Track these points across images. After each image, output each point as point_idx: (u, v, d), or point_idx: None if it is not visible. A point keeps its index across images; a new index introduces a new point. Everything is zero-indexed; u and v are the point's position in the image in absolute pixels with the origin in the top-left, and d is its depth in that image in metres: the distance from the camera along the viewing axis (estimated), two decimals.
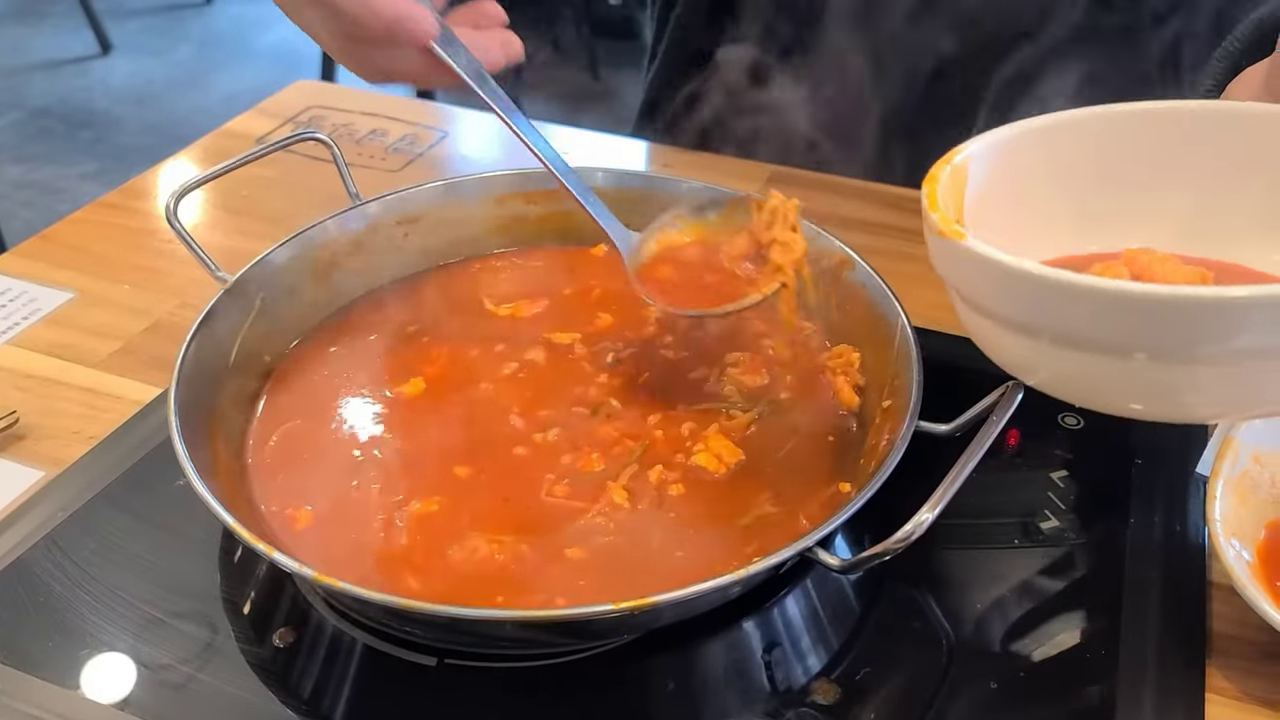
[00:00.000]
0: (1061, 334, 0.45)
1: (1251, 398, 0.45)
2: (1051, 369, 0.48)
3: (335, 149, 0.72)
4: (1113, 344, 0.43)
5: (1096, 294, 0.42)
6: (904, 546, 0.48)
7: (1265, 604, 0.51)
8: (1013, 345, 0.48)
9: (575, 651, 0.53)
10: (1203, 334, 0.41)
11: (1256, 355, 0.42)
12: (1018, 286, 0.45)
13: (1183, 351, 0.42)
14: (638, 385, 0.65)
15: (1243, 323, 0.40)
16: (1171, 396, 0.46)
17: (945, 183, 0.51)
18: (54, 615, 0.56)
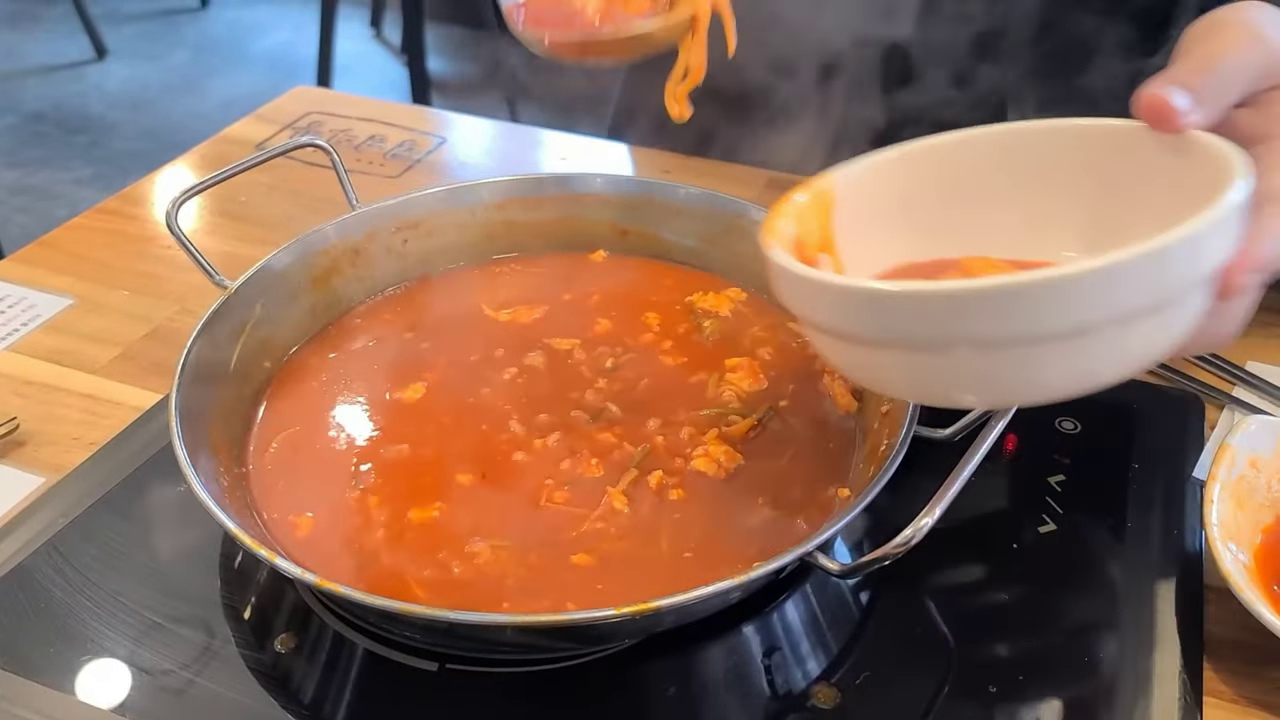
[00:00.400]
0: (849, 332, 0.47)
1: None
2: (860, 366, 0.50)
3: (335, 155, 0.73)
4: (881, 339, 0.46)
5: (862, 294, 0.45)
6: (904, 551, 0.48)
7: (1262, 607, 0.51)
8: (819, 343, 0.51)
9: (576, 656, 0.54)
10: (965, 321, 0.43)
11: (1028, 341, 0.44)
12: (795, 288, 0.48)
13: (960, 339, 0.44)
14: (637, 390, 0.65)
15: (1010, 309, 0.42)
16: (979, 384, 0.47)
17: (802, 204, 0.54)
18: (55, 621, 0.56)
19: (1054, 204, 0.54)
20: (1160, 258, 0.42)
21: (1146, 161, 0.51)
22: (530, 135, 1.08)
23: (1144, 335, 0.44)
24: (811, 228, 0.54)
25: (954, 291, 0.42)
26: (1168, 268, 0.42)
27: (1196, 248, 0.43)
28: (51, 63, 3.51)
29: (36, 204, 2.81)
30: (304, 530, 0.56)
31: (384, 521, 0.56)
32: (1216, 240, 0.44)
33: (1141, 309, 0.43)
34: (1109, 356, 0.45)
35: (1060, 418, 0.68)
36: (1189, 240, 0.42)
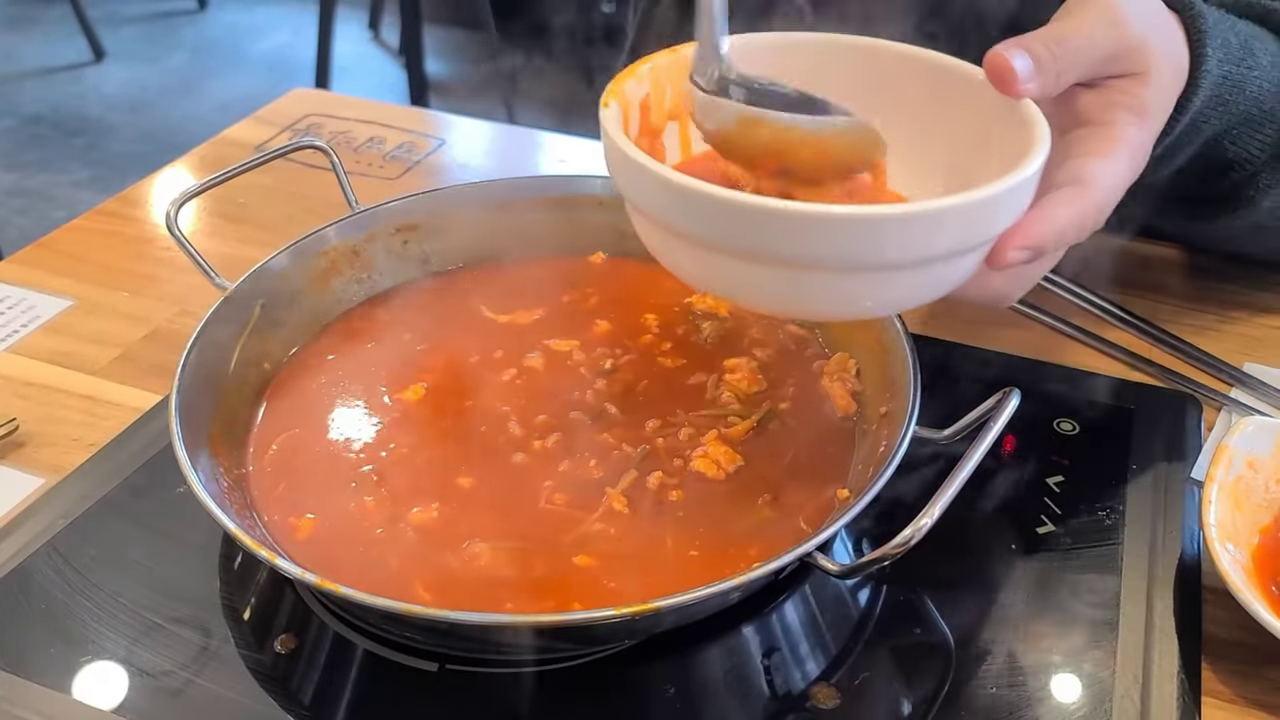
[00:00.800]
0: (659, 220, 0.50)
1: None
2: (666, 254, 0.53)
3: (334, 157, 0.73)
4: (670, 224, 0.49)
5: (661, 183, 0.47)
6: (903, 551, 0.48)
7: (1260, 608, 0.51)
8: (640, 226, 0.53)
9: (576, 657, 0.54)
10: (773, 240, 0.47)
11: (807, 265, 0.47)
12: (617, 165, 0.50)
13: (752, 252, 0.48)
14: (636, 392, 0.65)
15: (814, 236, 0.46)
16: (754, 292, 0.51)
17: (662, 65, 0.55)
18: (55, 622, 0.56)
19: (901, 129, 0.55)
20: (935, 220, 0.46)
21: (987, 113, 0.53)
22: (529, 137, 1.08)
23: (911, 282, 0.49)
24: (665, 93, 0.55)
25: (742, 205, 0.46)
26: (941, 230, 0.46)
27: (970, 216, 0.46)
28: (49, 65, 3.51)
29: (34, 206, 2.81)
30: (304, 532, 0.56)
31: (384, 523, 0.56)
32: (990, 214, 0.47)
33: (910, 262, 0.47)
34: (874, 294, 0.50)
35: (1059, 419, 0.68)
36: (965, 208, 0.46)
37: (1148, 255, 0.84)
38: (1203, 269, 0.82)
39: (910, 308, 0.52)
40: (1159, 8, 0.59)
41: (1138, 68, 0.55)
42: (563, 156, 0.99)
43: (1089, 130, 0.54)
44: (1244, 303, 0.79)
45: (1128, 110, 0.55)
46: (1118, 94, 0.55)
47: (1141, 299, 0.79)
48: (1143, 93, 0.55)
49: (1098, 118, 0.55)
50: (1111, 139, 0.54)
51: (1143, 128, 0.55)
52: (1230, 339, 0.75)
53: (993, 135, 0.54)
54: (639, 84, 0.54)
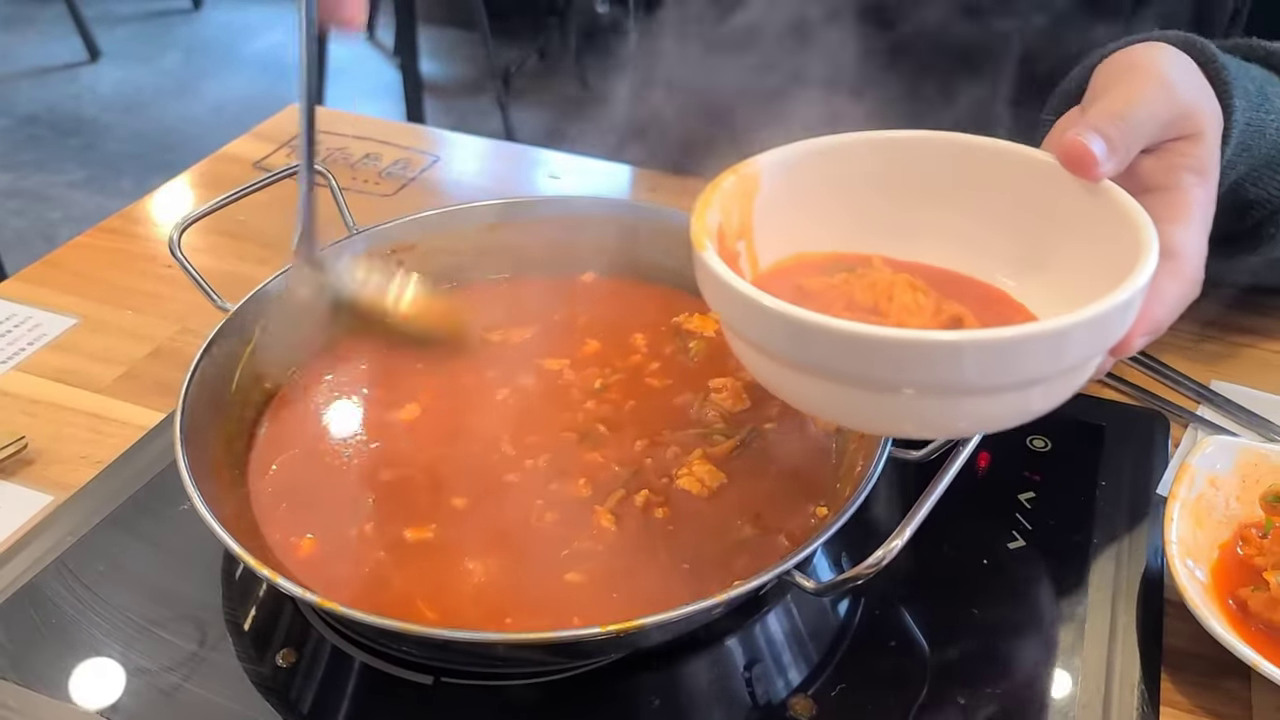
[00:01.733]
0: (763, 346, 0.49)
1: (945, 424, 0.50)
2: (773, 380, 0.52)
3: (332, 180, 0.75)
4: (799, 361, 0.48)
5: (781, 318, 0.46)
6: (874, 572, 0.50)
7: (1215, 623, 0.54)
8: (741, 353, 0.52)
9: (565, 670, 0.56)
10: (888, 369, 0.45)
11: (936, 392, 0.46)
12: (722, 294, 0.49)
13: (877, 381, 0.46)
14: (624, 411, 0.67)
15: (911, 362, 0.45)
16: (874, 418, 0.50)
17: (727, 190, 0.55)
18: (65, 636, 0.58)
19: (979, 218, 0.57)
20: (1063, 337, 0.44)
21: (1063, 199, 0.53)
22: (522, 153, 1.10)
23: (1039, 395, 0.47)
24: (733, 214, 0.55)
25: (870, 338, 0.44)
26: (1073, 343, 0.45)
27: (1104, 325, 0.45)
28: (45, 65, 3.52)
29: (31, 207, 2.83)
30: (305, 550, 0.58)
31: (381, 542, 0.58)
32: (1123, 317, 0.46)
33: (1046, 376, 0.46)
34: (1010, 411, 0.48)
35: (1031, 436, 0.70)
36: (1096, 320, 0.44)
37: None
38: None
39: (1046, 412, 0.50)
40: (1191, 65, 0.60)
41: (1193, 129, 0.56)
42: (555, 173, 1.01)
43: (1157, 197, 0.55)
44: (1214, 321, 0.81)
45: (1190, 171, 0.56)
46: (1178, 156, 0.56)
47: None
48: (1200, 152, 0.56)
49: (1162, 182, 0.56)
50: (1183, 204, 0.55)
51: (1206, 187, 0.56)
52: (1199, 356, 0.78)
53: (1063, 216, 0.54)
54: (714, 213, 0.54)
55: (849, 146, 0.58)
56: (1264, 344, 0.80)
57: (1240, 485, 0.62)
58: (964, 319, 0.53)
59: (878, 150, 0.58)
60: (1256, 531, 0.60)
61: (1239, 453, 0.63)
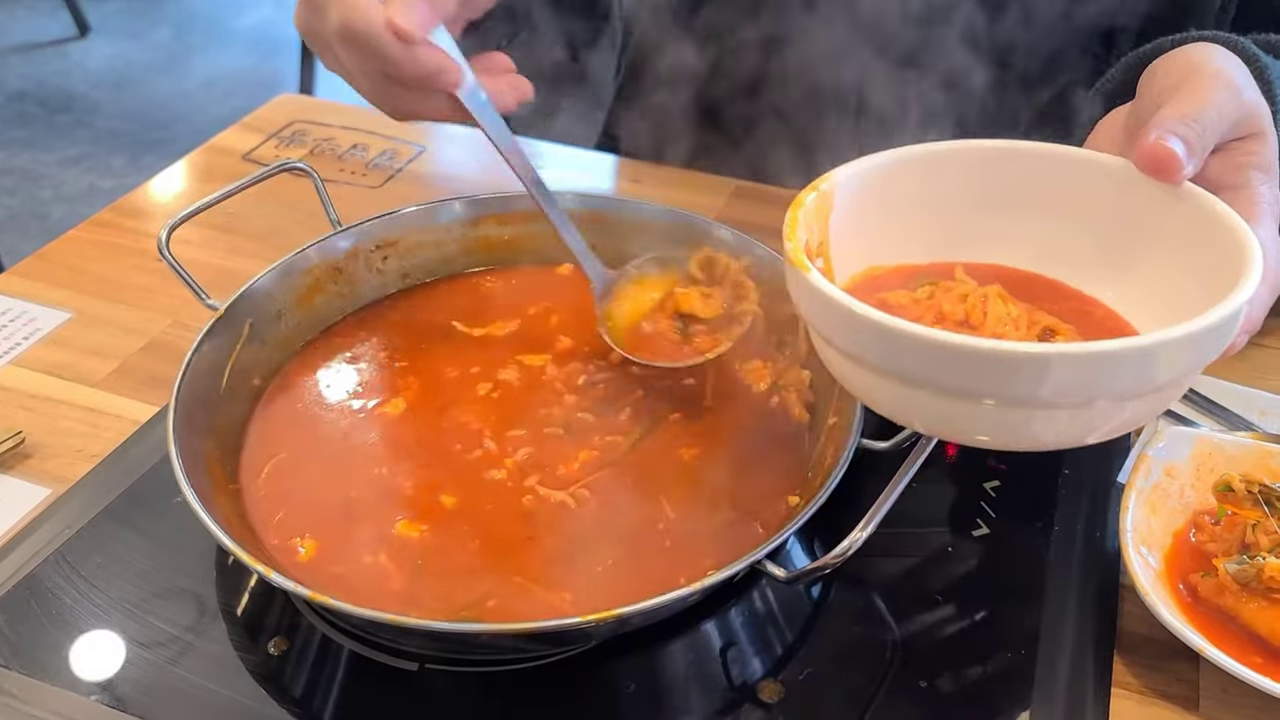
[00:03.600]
0: (874, 363, 0.50)
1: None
2: (873, 394, 0.53)
3: (316, 177, 0.77)
4: (910, 376, 0.48)
5: (889, 332, 0.47)
6: (841, 562, 0.53)
7: (1163, 609, 0.57)
8: (841, 368, 0.53)
9: (546, 656, 0.59)
10: (992, 381, 0.46)
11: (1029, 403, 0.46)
12: (833, 316, 0.50)
13: (980, 392, 0.47)
14: (606, 401, 0.69)
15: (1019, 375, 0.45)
16: (991, 430, 0.50)
17: (810, 208, 0.56)
18: (64, 625, 0.61)
19: (1054, 225, 0.58)
20: (1186, 344, 0.45)
21: (1143, 203, 0.54)
22: None
23: (1147, 405, 0.48)
24: (814, 231, 0.56)
25: (976, 351, 0.45)
26: (1187, 353, 0.46)
27: (1212, 336, 0.46)
28: (33, 40, 3.51)
29: (22, 185, 2.83)
30: (305, 555, 0.60)
31: (370, 536, 0.61)
32: (1230, 327, 0.47)
33: (1153, 387, 0.47)
34: (1111, 422, 0.48)
35: None
36: (1210, 329, 0.45)
37: None
38: None
39: (1141, 425, 0.52)
40: (1243, 65, 0.60)
41: (1255, 128, 0.57)
42: (540, 163, 1.03)
43: (1227, 196, 0.55)
44: None
45: (1257, 170, 0.56)
46: (1243, 155, 0.56)
47: None
48: (1265, 150, 0.57)
49: (1230, 181, 0.56)
50: (1254, 202, 0.55)
51: (1272, 184, 0.56)
52: None
53: (1143, 219, 0.55)
54: (802, 231, 0.54)
55: (917, 159, 0.59)
56: None
57: (1195, 474, 0.65)
58: (1056, 330, 0.54)
59: (947, 160, 0.59)
60: (1209, 519, 0.63)
61: (1195, 443, 0.66)
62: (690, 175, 0.98)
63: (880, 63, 0.89)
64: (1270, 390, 0.76)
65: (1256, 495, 0.62)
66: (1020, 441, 0.50)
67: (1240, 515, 0.61)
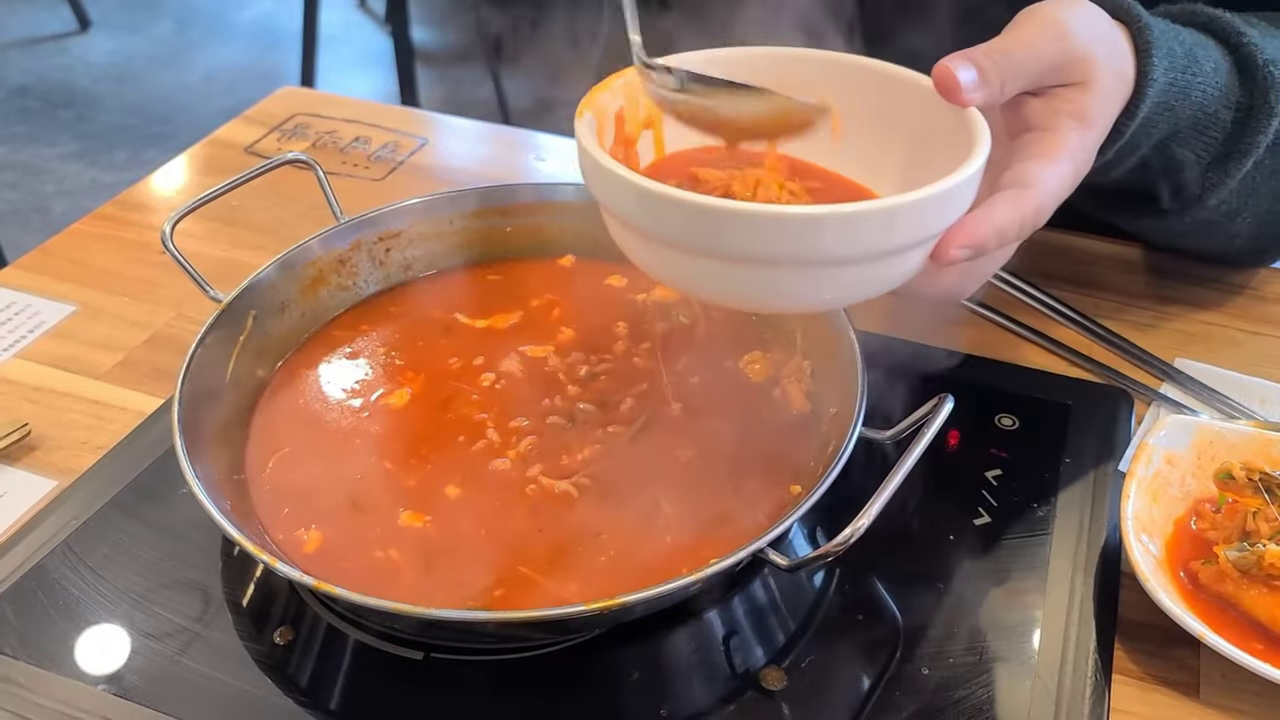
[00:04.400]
0: (621, 216, 0.55)
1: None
2: (636, 254, 0.57)
3: (319, 170, 0.77)
4: (651, 230, 0.53)
5: (630, 187, 0.52)
6: (842, 550, 0.53)
7: (1164, 596, 0.57)
8: (615, 233, 0.58)
9: (550, 644, 0.59)
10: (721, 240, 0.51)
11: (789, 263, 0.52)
12: (586, 167, 0.55)
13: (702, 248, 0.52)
14: (608, 392, 0.69)
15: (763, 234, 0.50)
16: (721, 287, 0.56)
17: (634, 81, 0.59)
18: (71, 616, 0.61)
19: (869, 135, 0.61)
20: (881, 217, 0.50)
21: (938, 122, 0.58)
22: (509, 135, 1.12)
23: (861, 276, 0.53)
24: (639, 104, 0.60)
25: (698, 205, 0.50)
26: (886, 227, 0.50)
27: (913, 214, 0.50)
28: (34, 35, 3.51)
29: (24, 180, 2.83)
30: (311, 545, 0.60)
31: (375, 527, 0.61)
32: (932, 212, 0.51)
33: (859, 257, 0.52)
34: (827, 289, 0.54)
35: (1000, 414, 0.73)
36: (908, 206, 0.50)
37: (1097, 252, 0.88)
38: (1142, 266, 0.87)
39: (862, 299, 0.56)
40: (1105, 21, 0.62)
41: (1081, 77, 0.59)
42: (542, 155, 1.03)
43: (1034, 135, 0.59)
44: (1179, 299, 0.83)
45: (1070, 117, 0.59)
46: (1062, 101, 0.59)
47: (1087, 296, 0.83)
48: (1085, 100, 0.59)
49: (1042, 124, 0.59)
50: (1055, 144, 0.58)
51: (1085, 133, 0.59)
52: (1165, 335, 0.80)
53: (940, 140, 0.58)
54: (613, 96, 0.59)
55: (758, 57, 0.62)
56: (1232, 322, 0.82)
57: (1196, 462, 0.65)
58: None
59: (780, 63, 0.62)
60: (1210, 507, 0.63)
61: (1196, 431, 0.66)
62: None
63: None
64: (1271, 379, 0.76)
65: (1257, 483, 0.62)
66: (753, 299, 0.56)
67: (1241, 503, 0.62)
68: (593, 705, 0.57)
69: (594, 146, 0.54)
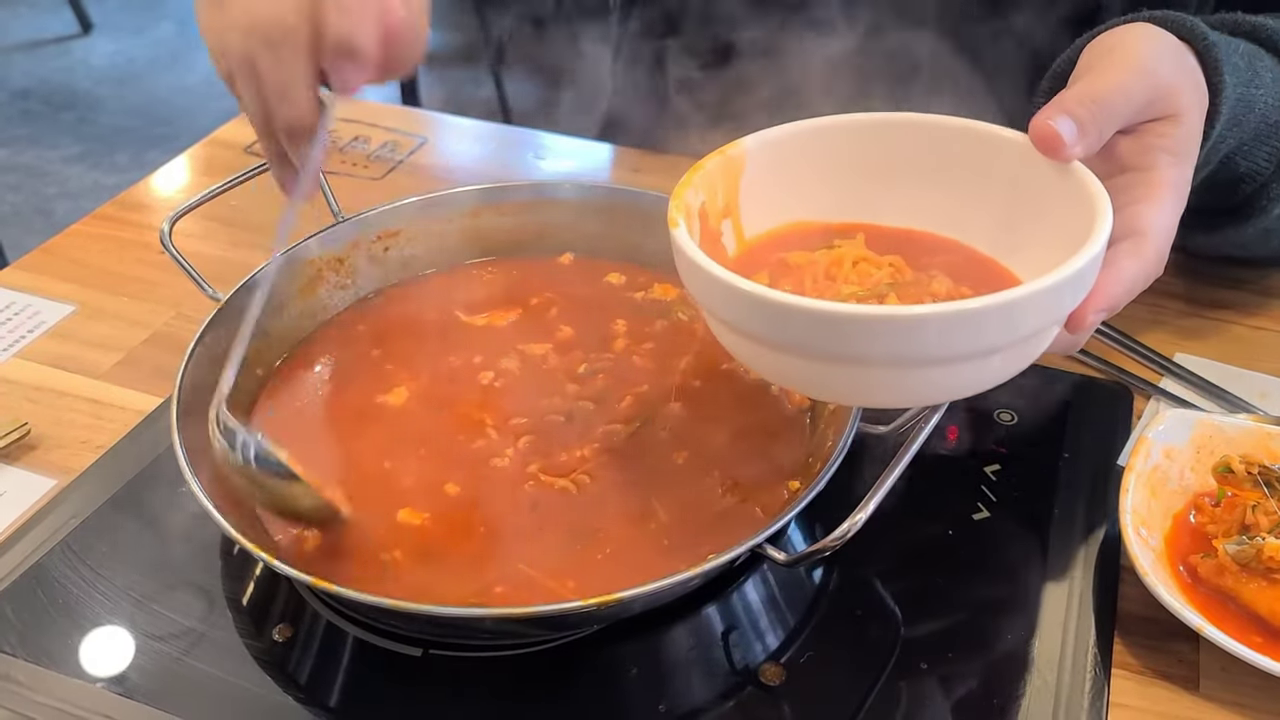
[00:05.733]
0: (727, 320, 0.53)
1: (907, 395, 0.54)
2: (739, 350, 0.55)
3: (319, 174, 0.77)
4: (748, 330, 0.51)
5: (734, 292, 0.50)
6: (839, 544, 0.53)
7: (1163, 589, 0.57)
8: (716, 330, 0.56)
9: (548, 641, 0.59)
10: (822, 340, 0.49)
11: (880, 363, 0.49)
12: (685, 268, 0.53)
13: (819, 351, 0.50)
14: (607, 390, 0.69)
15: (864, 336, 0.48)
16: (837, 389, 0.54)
17: (711, 171, 0.58)
18: (71, 614, 0.61)
19: (960, 196, 0.60)
20: (1013, 309, 0.47)
21: (1036, 178, 0.56)
22: (508, 134, 1.12)
23: (997, 364, 0.51)
24: (717, 193, 0.58)
25: (827, 314, 0.47)
26: (1025, 314, 0.48)
27: (1055, 296, 0.48)
28: (36, 38, 3.51)
29: (26, 182, 2.84)
30: (311, 543, 0.61)
31: (375, 524, 0.61)
32: (1074, 289, 0.49)
33: (1001, 346, 0.49)
34: (968, 379, 0.51)
35: (999, 409, 0.73)
36: (1047, 291, 0.47)
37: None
38: None
39: (1002, 382, 0.53)
40: (1174, 43, 0.61)
41: (1170, 110, 0.57)
42: (541, 153, 1.03)
43: (1132, 177, 0.56)
44: (1178, 294, 0.83)
45: (1166, 153, 0.57)
46: (1154, 137, 0.57)
47: None
48: (1178, 133, 0.57)
49: (1138, 163, 0.57)
50: (1156, 184, 0.56)
51: (1181, 167, 0.57)
52: (1164, 330, 0.80)
53: (1038, 193, 0.56)
54: (695, 193, 0.57)
55: (832, 128, 0.60)
56: (1233, 317, 0.82)
57: (1195, 456, 0.65)
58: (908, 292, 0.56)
59: (859, 131, 0.60)
60: (1209, 501, 0.63)
61: (1194, 425, 0.66)
62: (689, 162, 0.98)
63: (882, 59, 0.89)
64: (1270, 373, 0.76)
65: (1256, 477, 0.62)
66: (860, 397, 0.55)
67: (1240, 496, 0.62)
68: (592, 701, 0.57)
69: (704, 258, 0.51)
